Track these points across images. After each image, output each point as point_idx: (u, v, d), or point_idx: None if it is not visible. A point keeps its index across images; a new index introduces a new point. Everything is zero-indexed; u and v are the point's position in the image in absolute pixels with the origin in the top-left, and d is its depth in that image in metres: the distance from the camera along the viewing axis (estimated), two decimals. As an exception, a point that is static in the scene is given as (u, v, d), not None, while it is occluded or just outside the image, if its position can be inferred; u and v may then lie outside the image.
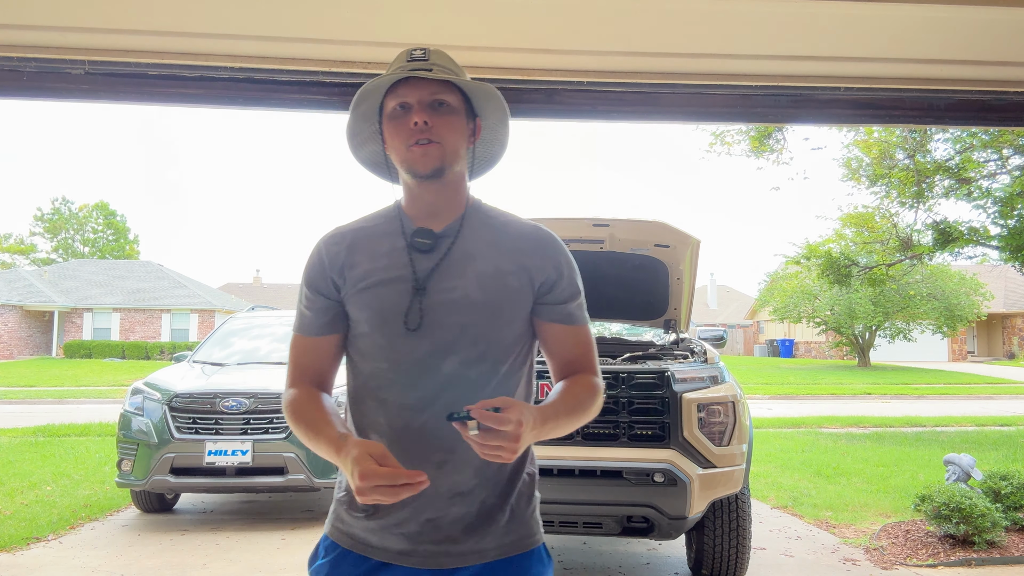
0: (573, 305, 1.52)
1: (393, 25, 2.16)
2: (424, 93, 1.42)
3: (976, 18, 2.08)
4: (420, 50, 1.47)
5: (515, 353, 1.47)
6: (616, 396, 4.00)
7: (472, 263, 1.44)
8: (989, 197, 10.25)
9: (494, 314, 1.42)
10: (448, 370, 1.39)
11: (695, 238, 4.69)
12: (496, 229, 1.50)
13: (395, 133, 1.43)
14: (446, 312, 1.41)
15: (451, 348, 1.40)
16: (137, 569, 4.77)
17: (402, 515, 1.39)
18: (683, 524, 3.90)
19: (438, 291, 1.42)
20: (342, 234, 1.52)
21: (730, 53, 2.28)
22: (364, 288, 1.44)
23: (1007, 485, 5.38)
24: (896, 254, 12.06)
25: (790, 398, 17.88)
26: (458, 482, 1.40)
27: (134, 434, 5.77)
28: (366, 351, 1.45)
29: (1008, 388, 19.90)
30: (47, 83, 2.29)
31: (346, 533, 1.44)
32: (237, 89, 2.33)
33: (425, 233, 1.45)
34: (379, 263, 1.45)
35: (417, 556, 1.40)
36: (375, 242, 1.48)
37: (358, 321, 1.46)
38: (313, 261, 1.51)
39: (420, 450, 1.38)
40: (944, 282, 26.73)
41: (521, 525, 1.45)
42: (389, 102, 1.45)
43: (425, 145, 1.41)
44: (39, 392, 18.19)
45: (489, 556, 1.40)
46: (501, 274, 1.44)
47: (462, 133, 1.46)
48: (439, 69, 1.44)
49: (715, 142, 10.84)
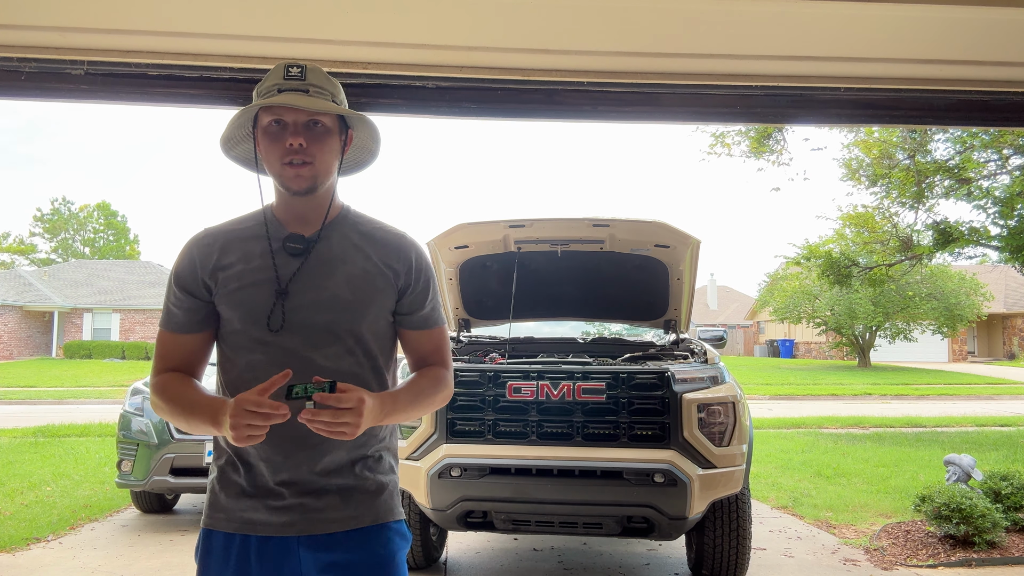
0: (428, 309, 1.64)
1: (393, 25, 2.16)
2: (300, 114, 1.50)
3: (976, 18, 2.07)
4: (297, 67, 1.53)
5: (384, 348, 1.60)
6: (616, 396, 4.00)
7: (341, 265, 1.55)
8: (989, 197, 10.25)
9: (362, 312, 1.54)
10: (320, 362, 1.50)
11: (695, 238, 4.69)
12: (363, 234, 1.60)
13: (270, 148, 1.51)
14: (313, 311, 1.51)
15: (320, 343, 1.51)
16: (137, 569, 4.77)
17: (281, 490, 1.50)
18: (683, 524, 3.90)
19: (302, 292, 1.51)
20: (214, 235, 1.59)
21: (730, 53, 2.28)
22: (235, 289, 1.52)
23: (1007, 485, 5.38)
24: (896, 254, 12.07)
25: (790, 398, 17.88)
26: (334, 460, 1.52)
27: (134, 434, 5.77)
28: (239, 345, 1.53)
29: (1008, 388, 19.90)
30: (47, 83, 2.29)
31: (226, 519, 1.51)
32: (237, 89, 2.33)
33: (296, 239, 1.55)
34: (251, 264, 1.54)
35: (299, 525, 1.49)
36: (247, 244, 1.56)
37: (230, 320, 1.53)
38: (184, 262, 1.57)
39: (297, 434, 1.45)
40: (944, 282, 26.72)
41: (389, 498, 1.58)
42: (264, 116, 1.52)
43: (299, 167, 1.49)
44: (39, 392, 18.19)
45: (364, 521, 1.53)
46: (368, 275, 1.56)
47: (335, 151, 1.55)
48: (315, 91, 1.51)
49: (715, 143, 10.83)
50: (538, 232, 4.86)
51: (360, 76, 2.31)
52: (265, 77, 1.55)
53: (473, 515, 4.05)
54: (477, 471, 3.93)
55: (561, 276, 5.30)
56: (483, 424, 4.03)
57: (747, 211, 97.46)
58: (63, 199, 54.15)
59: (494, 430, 4.04)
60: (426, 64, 2.32)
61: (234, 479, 1.52)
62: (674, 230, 4.68)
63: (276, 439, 1.45)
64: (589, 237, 4.94)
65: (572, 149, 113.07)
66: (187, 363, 1.57)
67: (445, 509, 3.98)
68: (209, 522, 1.53)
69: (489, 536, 5.38)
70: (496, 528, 4.12)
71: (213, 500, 1.55)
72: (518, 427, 4.03)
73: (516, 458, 3.96)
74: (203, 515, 1.56)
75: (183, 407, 1.48)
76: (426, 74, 2.35)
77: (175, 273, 1.58)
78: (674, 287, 5.18)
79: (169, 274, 1.60)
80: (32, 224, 55.01)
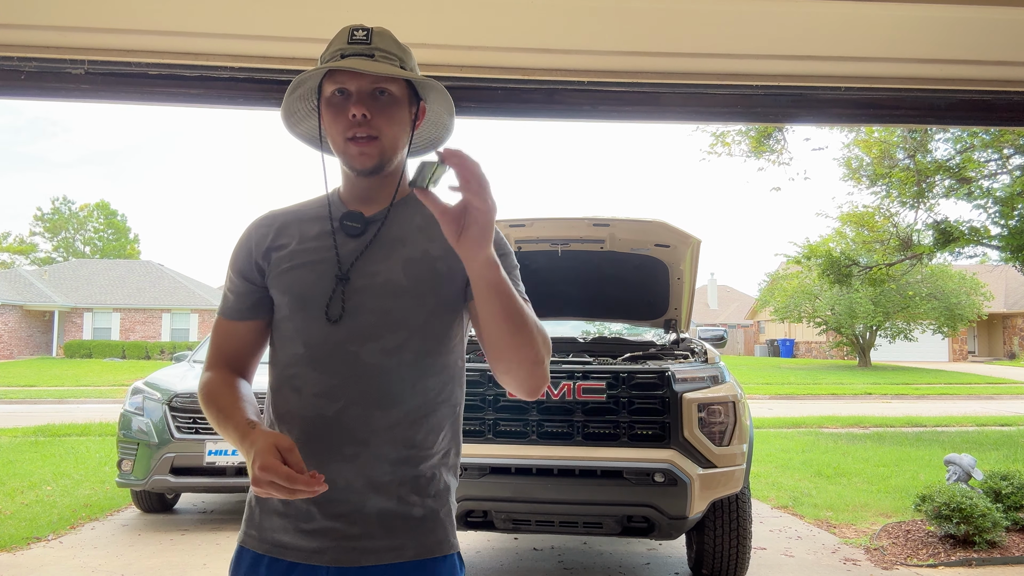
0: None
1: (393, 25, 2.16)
2: (364, 81, 1.34)
3: (976, 18, 2.07)
4: (362, 30, 1.37)
5: (442, 345, 1.39)
6: (616, 396, 4.00)
7: (400, 247, 1.38)
8: (990, 197, 10.25)
9: (418, 300, 1.35)
10: (368, 357, 1.33)
11: (695, 238, 4.69)
12: (427, 215, 1.41)
13: (333, 120, 1.36)
14: (367, 297, 1.34)
15: (371, 335, 1.33)
16: (137, 569, 4.77)
17: (313, 511, 1.32)
18: (683, 524, 3.90)
19: (362, 276, 1.36)
20: (273, 216, 1.47)
21: (730, 53, 2.28)
22: (286, 269, 1.39)
23: (1008, 485, 5.38)
24: (896, 254, 12.06)
25: (790, 398, 17.87)
26: (373, 477, 1.32)
27: (134, 434, 5.77)
28: (286, 336, 1.39)
29: (1009, 388, 19.89)
30: (47, 82, 2.29)
31: (258, 538, 1.37)
32: (237, 89, 2.33)
33: (355, 216, 1.40)
34: (306, 245, 1.40)
35: (331, 553, 1.31)
36: (305, 225, 1.43)
37: (280, 306, 1.40)
38: (241, 243, 1.46)
39: (332, 441, 1.31)
40: (944, 282, 26.72)
41: (439, 527, 1.36)
42: (327, 85, 1.37)
43: (363, 143, 1.34)
44: (39, 392, 18.19)
45: (406, 555, 1.32)
46: (429, 259, 1.38)
47: (403, 124, 1.38)
48: (381, 55, 1.35)
49: (715, 143, 10.83)
50: (538, 232, 4.86)
51: (360, 76, 2.31)
52: (329, 44, 1.40)
53: (473, 515, 4.05)
54: (477, 470, 3.94)
55: (561, 276, 5.30)
56: (483, 423, 4.04)
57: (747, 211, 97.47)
58: (63, 198, 54.20)
59: (494, 429, 4.04)
60: (426, 64, 2.31)
61: None
62: (674, 230, 4.68)
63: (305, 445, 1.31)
64: (589, 237, 4.94)
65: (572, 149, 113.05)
66: (238, 355, 1.44)
67: (445, 509, 3.97)
68: (242, 538, 1.40)
69: (489, 536, 5.38)
70: (496, 528, 4.12)
71: (249, 515, 1.41)
72: (518, 426, 4.03)
73: (516, 457, 3.96)
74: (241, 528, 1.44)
75: (218, 417, 1.36)
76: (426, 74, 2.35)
77: (232, 257, 1.46)
78: (674, 287, 5.18)
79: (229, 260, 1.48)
80: (32, 223, 55.11)
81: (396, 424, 1.33)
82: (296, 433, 1.33)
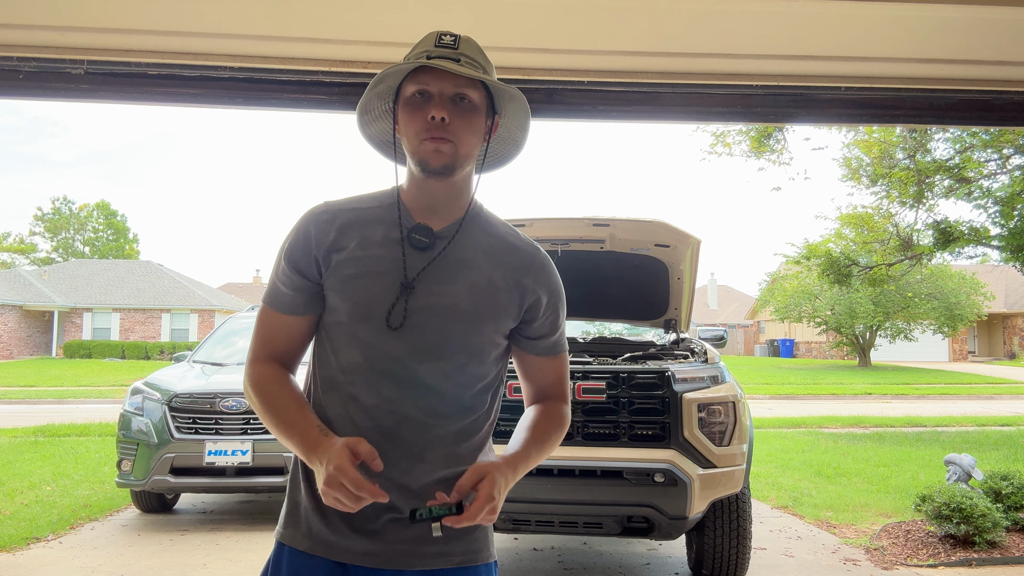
0: (557, 335, 1.49)
1: (393, 25, 2.16)
2: (447, 85, 1.34)
3: (976, 18, 2.07)
4: (450, 36, 1.37)
5: (493, 370, 1.43)
6: (616, 396, 3.99)
7: (467, 270, 1.38)
8: (989, 197, 10.25)
9: (479, 327, 1.37)
10: (425, 375, 1.34)
11: (695, 238, 4.69)
12: (494, 238, 1.43)
13: (410, 121, 1.35)
14: (431, 316, 1.34)
15: (431, 354, 1.34)
16: (137, 569, 4.77)
17: (368, 512, 1.33)
18: (683, 524, 3.90)
19: (427, 293, 1.35)
20: (333, 212, 1.42)
21: (730, 53, 2.28)
22: (350, 276, 1.36)
23: (1008, 485, 5.38)
24: (896, 254, 12.06)
25: (790, 398, 17.88)
26: (425, 487, 1.34)
27: (134, 434, 5.77)
28: (341, 342, 1.37)
29: (1009, 388, 19.90)
30: (46, 82, 2.29)
31: (306, 536, 1.37)
32: (237, 89, 2.33)
33: (423, 230, 1.38)
34: (371, 252, 1.37)
35: (382, 556, 1.33)
36: (368, 228, 1.39)
37: (337, 310, 1.37)
38: (299, 236, 1.40)
39: (387, 452, 1.31)
40: (944, 282, 26.73)
41: (482, 536, 1.40)
42: (408, 86, 1.36)
43: (439, 141, 1.33)
44: (39, 392, 18.19)
45: (453, 561, 1.35)
46: (494, 288, 1.39)
47: (479, 133, 1.38)
48: (466, 61, 1.35)
49: (715, 143, 10.83)
50: (538, 232, 4.86)
51: (360, 76, 2.31)
52: (414, 46, 1.39)
53: (473, 515, 4.04)
54: (477, 471, 3.93)
55: (561, 275, 5.29)
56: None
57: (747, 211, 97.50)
58: (63, 198, 54.20)
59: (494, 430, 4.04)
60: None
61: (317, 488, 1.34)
62: (674, 229, 4.68)
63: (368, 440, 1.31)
64: (589, 237, 4.94)
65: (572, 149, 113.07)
66: (287, 349, 1.42)
67: (445, 509, 3.97)
68: (284, 536, 1.38)
69: (489, 536, 5.37)
70: (496, 528, 4.11)
71: (292, 511, 1.39)
72: (518, 427, 4.03)
73: (516, 458, 3.96)
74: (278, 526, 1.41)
75: (279, 419, 1.33)
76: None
77: (287, 248, 1.40)
78: (674, 286, 5.18)
79: (279, 248, 1.42)
80: (32, 223, 55.12)
81: (448, 440, 1.36)
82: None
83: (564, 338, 1.51)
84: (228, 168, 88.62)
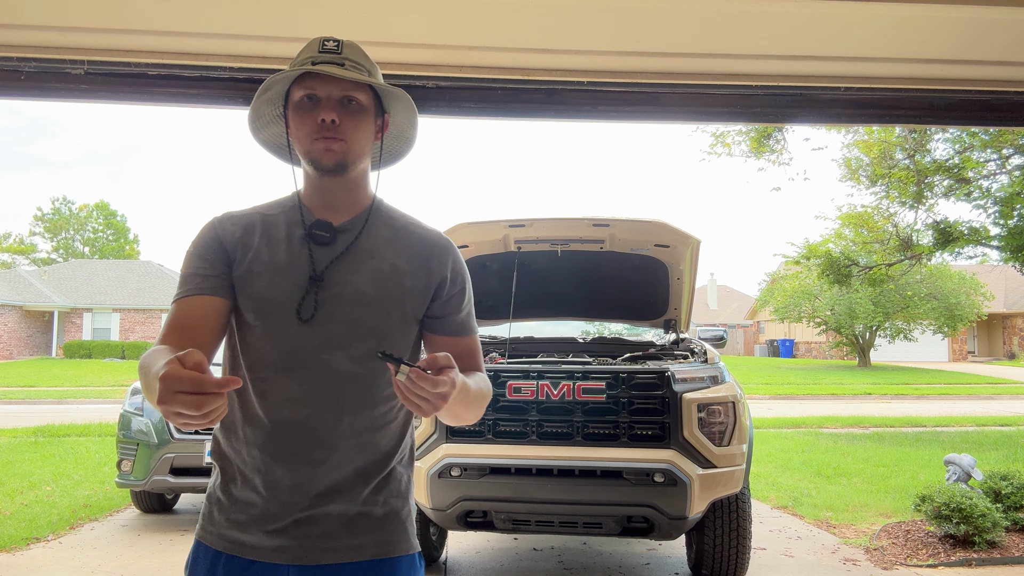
0: (464, 314, 1.52)
1: (393, 25, 2.16)
2: (334, 89, 1.39)
3: (976, 18, 2.07)
4: (333, 41, 1.43)
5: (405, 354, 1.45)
6: (616, 396, 4.00)
7: (370, 259, 1.43)
8: (989, 197, 10.26)
9: (386, 312, 1.41)
10: (338, 364, 1.36)
11: (695, 238, 4.69)
12: (396, 229, 1.48)
13: (301, 124, 1.40)
14: (339, 305, 1.38)
15: (340, 343, 1.37)
16: (137, 569, 4.77)
17: (276, 510, 1.34)
18: (683, 524, 3.90)
19: (334, 284, 1.39)
20: (236, 216, 1.48)
21: (730, 53, 2.28)
22: (257, 273, 1.40)
23: (1007, 485, 5.38)
24: (896, 254, 12.06)
25: (790, 398, 17.88)
26: (338, 480, 1.36)
27: (134, 434, 5.77)
28: (251, 342, 1.39)
29: (1008, 388, 19.90)
30: (47, 83, 2.29)
31: (217, 534, 1.38)
32: (237, 89, 2.33)
33: (324, 226, 1.43)
34: (275, 249, 1.42)
35: (292, 552, 1.34)
36: (272, 229, 1.45)
37: (244, 311, 1.40)
38: (206, 239, 1.44)
39: (300, 446, 1.34)
40: (944, 282, 26.73)
41: (400, 527, 1.41)
42: (296, 91, 1.41)
43: (330, 140, 1.38)
44: (39, 392, 18.19)
45: (367, 554, 1.36)
46: (398, 272, 1.43)
47: (369, 131, 1.44)
48: (351, 64, 1.40)
49: (715, 143, 10.84)
50: (538, 232, 4.86)
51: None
52: (299, 52, 1.44)
53: (473, 515, 4.05)
54: (477, 471, 3.94)
55: (561, 276, 5.30)
56: (483, 424, 4.03)
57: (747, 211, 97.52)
58: (63, 199, 54.19)
59: (494, 430, 4.04)
60: (426, 64, 2.31)
61: (230, 489, 1.38)
62: (674, 230, 4.68)
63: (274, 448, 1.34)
64: (589, 237, 4.94)
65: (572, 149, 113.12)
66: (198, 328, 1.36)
67: (445, 509, 3.98)
68: (200, 533, 1.42)
69: (489, 536, 5.38)
70: (496, 528, 4.12)
71: (208, 511, 1.42)
72: (518, 427, 4.03)
73: (516, 458, 3.96)
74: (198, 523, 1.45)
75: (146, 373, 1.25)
76: (426, 74, 2.34)
77: (193, 245, 1.44)
78: (674, 287, 5.18)
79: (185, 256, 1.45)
80: (32, 224, 55.11)
81: (363, 430, 1.38)
82: (263, 437, 1.36)
83: (473, 320, 1.55)
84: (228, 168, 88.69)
